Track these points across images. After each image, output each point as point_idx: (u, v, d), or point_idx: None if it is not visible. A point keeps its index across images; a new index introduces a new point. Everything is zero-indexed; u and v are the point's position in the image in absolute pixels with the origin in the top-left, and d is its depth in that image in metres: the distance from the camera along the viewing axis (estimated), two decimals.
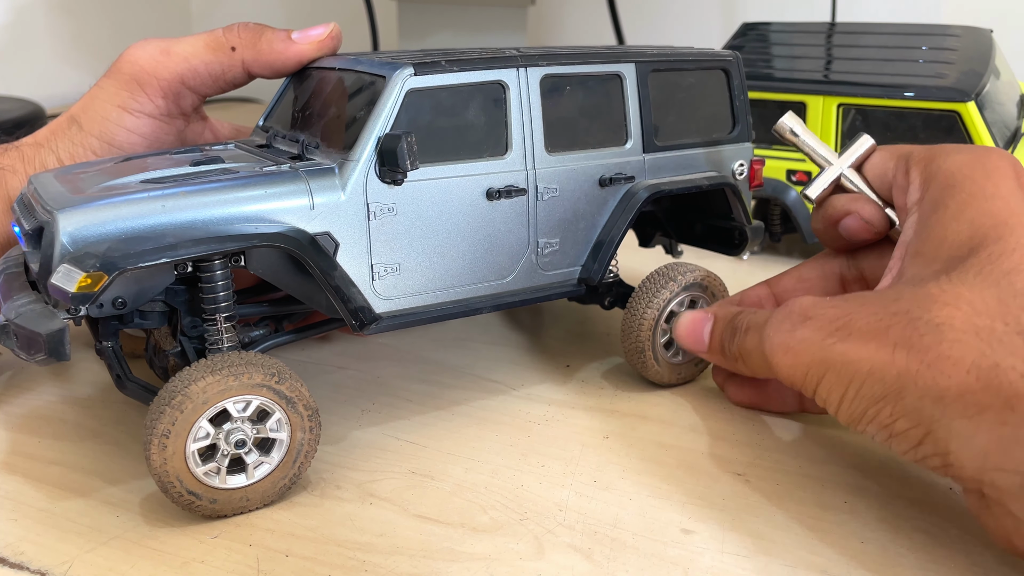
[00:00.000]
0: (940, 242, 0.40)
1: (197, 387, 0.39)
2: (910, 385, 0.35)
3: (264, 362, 0.41)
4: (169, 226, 0.40)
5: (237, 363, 0.40)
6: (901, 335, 0.36)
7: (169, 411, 0.38)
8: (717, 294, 0.54)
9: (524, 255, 0.49)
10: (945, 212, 0.40)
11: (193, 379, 0.39)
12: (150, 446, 0.39)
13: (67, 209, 0.39)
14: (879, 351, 0.36)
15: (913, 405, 0.35)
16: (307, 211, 0.43)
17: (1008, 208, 0.39)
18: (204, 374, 0.39)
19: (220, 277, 0.42)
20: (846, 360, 0.37)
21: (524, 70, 0.48)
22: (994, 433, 0.33)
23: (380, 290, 0.45)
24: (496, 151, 0.47)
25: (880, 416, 0.37)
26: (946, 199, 0.41)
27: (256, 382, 0.40)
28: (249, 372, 0.40)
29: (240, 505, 0.41)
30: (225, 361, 0.40)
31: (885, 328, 0.37)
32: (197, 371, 0.39)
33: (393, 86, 0.44)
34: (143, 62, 0.54)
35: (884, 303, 0.38)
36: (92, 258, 0.38)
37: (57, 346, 0.38)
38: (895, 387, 0.36)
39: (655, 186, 0.52)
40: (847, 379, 0.38)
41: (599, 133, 0.51)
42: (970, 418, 0.34)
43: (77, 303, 0.38)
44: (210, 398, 0.39)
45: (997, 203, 0.39)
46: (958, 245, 0.39)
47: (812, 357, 0.39)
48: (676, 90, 0.54)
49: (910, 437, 0.36)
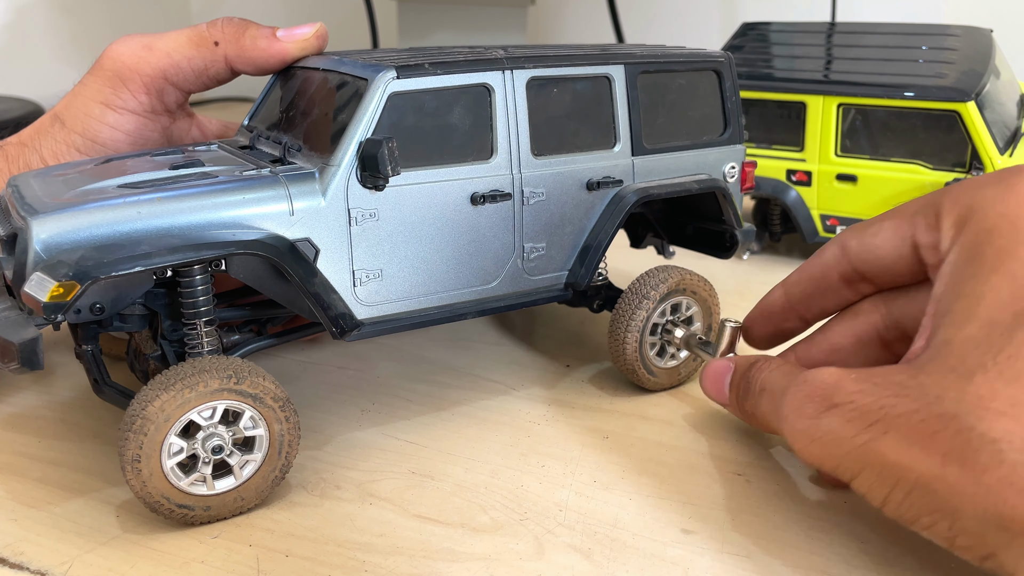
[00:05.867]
0: (976, 299, 0.34)
1: (154, 407, 0.38)
2: (967, 506, 0.31)
3: (219, 366, 0.40)
4: (145, 233, 0.40)
5: (190, 374, 0.39)
6: (951, 446, 0.31)
7: (133, 436, 0.38)
8: (699, 293, 0.52)
9: (510, 260, 0.49)
10: (981, 262, 0.35)
11: (149, 400, 0.38)
12: (125, 472, 0.38)
13: (41, 216, 0.39)
14: (926, 459, 0.32)
15: (973, 528, 0.32)
16: (287, 217, 0.42)
17: None
18: (158, 392, 0.38)
19: (199, 283, 0.42)
20: (886, 463, 0.33)
21: (510, 72, 0.47)
22: None
23: (362, 296, 0.45)
24: (481, 155, 0.47)
25: (937, 527, 0.33)
26: (982, 246, 0.35)
27: (213, 388, 0.39)
28: (204, 380, 0.39)
29: (236, 506, 0.41)
30: (178, 374, 0.39)
31: (930, 434, 0.32)
32: (152, 391, 0.38)
33: (375, 89, 0.43)
34: (125, 58, 0.54)
35: (925, 399, 0.33)
36: (65, 267, 0.37)
37: (30, 356, 0.37)
38: (949, 504, 0.32)
39: (643, 190, 0.51)
40: (891, 482, 0.33)
41: (587, 136, 0.50)
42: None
43: (50, 312, 0.37)
44: (171, 415, 0.38)
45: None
46: (998, 306, 0.33)
47: (844, 451, 0.34)
48: (666, 92, 0.53)
49: (974, 552, 0.32)
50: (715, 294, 0.54)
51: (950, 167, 0.67)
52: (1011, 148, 0.68)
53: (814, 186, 0.73)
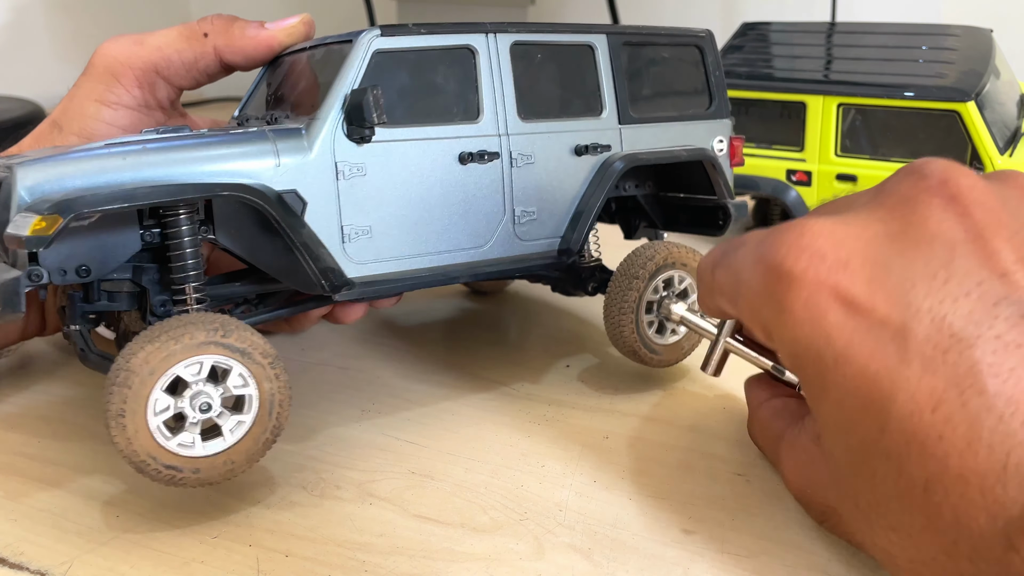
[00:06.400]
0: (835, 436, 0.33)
1: (138, 359, 0.37)
2: None
3: (204, 319, 0.39)
4: (131, 182, 0.40)
5: (175, 326, 0.38)
6: None
7: (117, 390, 0.37)
8: (689, 264, 0.52)
9: (500, 222, 0.49)
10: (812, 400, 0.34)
11: (133, 352, 0.37)
12: (110, 429, 0.37)
13: (26, 163, 0.39)
14: None
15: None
16: (273, 169, 0.42)
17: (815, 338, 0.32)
18: (143, 344, 0.37)
19: (187, 234, 0.42)
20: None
21: (493, 36, 0.48)
22: None
23: (351, 254, 0.45)
24: (468, 116, 0.47)
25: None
26: (803, 378, 0.34)
27: (200, 341, 0.38)
28: (189, 332, 0.38)
29: (226, 470, 0.40)
30: (163, 327, 0.38)
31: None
32: (136, 343, 0.38)
33: (360, 47, 0.44)
34: (116, 53, 0.54)
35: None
36: (47, 203, 0.37)
37: (12, 296, 0.37)
38: None
39: (632, 156, 0.52)
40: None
41: (573, 102, 0.51)
42: None
43: (32, 247, 0.37)
44: (156, 367, 0.37)
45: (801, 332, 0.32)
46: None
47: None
48: (650, 64, 0.54)
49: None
50: None
51: None
52: (1011, 148, 0.68)
53: (814, 186, 0.73)
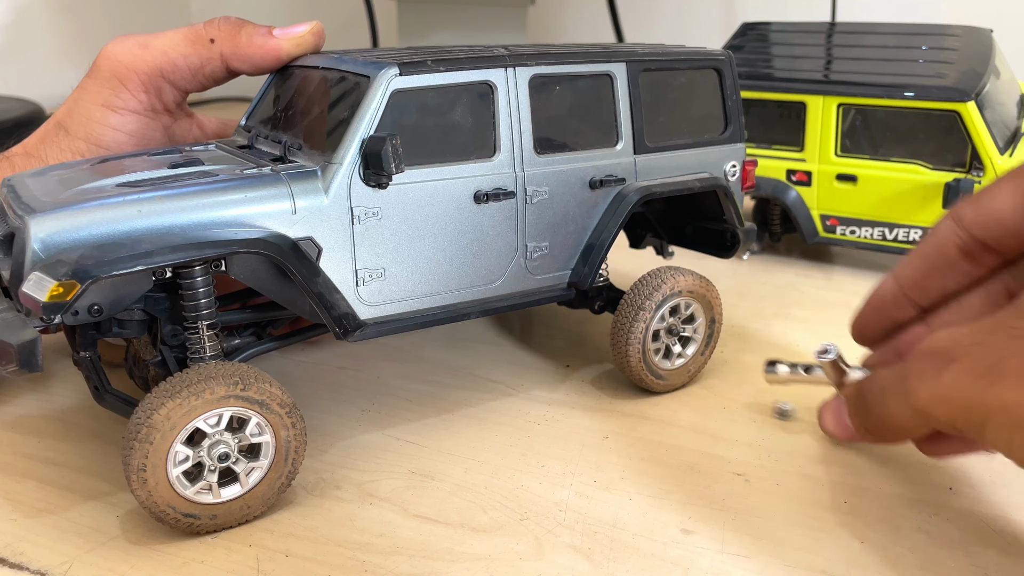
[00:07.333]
0: None
1: (160, 416, 0.37)
2: None
3: (225, 372, 0.39)
4: (145, 231, 0.39)
5: (196, 381, 0.38)
6: None
7: (138, 445, 0.37)
8: (696, 291, 0.52)
9: (513, 259, 0.49)
10: None
11: (154, 408, 0.38)
12: (130, 482, 0.38)
13: (39, 214, 0.38)
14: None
15: None
16: (289, 215, 0.42)
17: None
18: (164, 400, 0.38)
19: (201, 284, 0.41)
20: (1003, 405, 0.33)
21: (512, 70, 0.47)
22: None
23: (365, 296, 0.44)
24: (484, 153, 0.46)
25: None
26: None
27: (220, 395, 0.39)
28: (210, 387, 0.38)
29: (243, 514, 0.41)
30: (183, 381, 0.38)
31: None
32: (157, 398, 0.38)
33: (378, 86, 0.43)
34: (121, 57, 0.53)
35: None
36: (64, 266, 0.37)
37: (29, 357, 0.36)
38: None
39: (646, 188, 0.51)
40: (1011, 425, 0.33)
41: (589, 134, 0.50)
42: None
43: (49, 313, 0.36)
44: (176, 423, 0.38)
45: None
46: None
47: (968, 402, 0.34)
48: (667, 90, 0.53)
49: None
50: (712, 288, 0.53)
51: (950, 167, 0.67)
52: (1011, 148, 0.68)
53: (814, 186, 0.73)
